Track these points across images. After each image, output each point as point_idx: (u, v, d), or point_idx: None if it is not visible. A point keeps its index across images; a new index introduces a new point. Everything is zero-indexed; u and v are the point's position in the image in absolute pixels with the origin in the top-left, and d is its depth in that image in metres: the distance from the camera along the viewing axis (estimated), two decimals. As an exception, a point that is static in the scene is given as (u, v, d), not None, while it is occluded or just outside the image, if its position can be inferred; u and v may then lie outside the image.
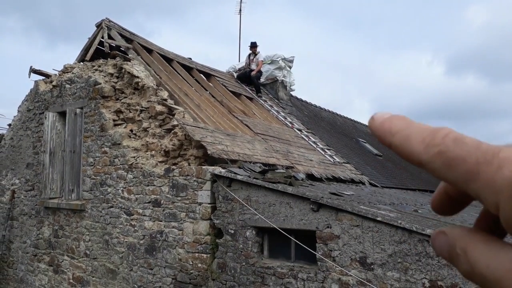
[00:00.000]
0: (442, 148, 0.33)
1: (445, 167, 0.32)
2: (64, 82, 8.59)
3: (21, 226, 9.20)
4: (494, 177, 0.30)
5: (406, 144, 0.35)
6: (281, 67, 12.58)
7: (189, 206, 6.23)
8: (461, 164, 0.31)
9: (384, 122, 0.36)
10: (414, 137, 0.34)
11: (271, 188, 5.55)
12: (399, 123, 0.36)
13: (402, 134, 0.35)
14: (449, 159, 0.32)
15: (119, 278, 7.01)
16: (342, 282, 4.90)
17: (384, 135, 0.36)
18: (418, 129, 0.35)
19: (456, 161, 0.32)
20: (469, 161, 0.31)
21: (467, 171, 0.31)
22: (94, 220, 7.53)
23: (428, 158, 0.33)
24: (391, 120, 0.36)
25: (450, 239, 0.34)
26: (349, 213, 4.93)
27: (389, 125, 0.36)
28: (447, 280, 4.26)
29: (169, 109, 7.03)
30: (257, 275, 5.56)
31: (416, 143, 0.34)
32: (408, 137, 0.35)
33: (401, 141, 0.35)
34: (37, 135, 9.09)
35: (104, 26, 8.68)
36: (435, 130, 0.34)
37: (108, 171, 7.42)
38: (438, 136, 0.33)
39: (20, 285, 9.01)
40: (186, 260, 6.16)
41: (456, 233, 0.34)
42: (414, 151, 0.34)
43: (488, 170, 0.30)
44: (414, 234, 4.49)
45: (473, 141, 0.32)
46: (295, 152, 8.86)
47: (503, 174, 0.29)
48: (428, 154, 0.33)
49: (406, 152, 0.35)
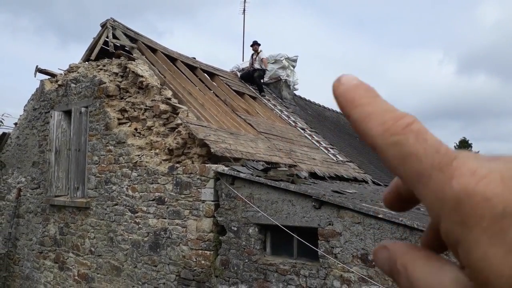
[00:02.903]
0: (400, 139, 0.30)
1: (399, 160, 0.30)
2: (70, 81, 8.68)
3: (27, 223, 9.31)
4: (443, 187, 0.28)
5: (364, 122, 0.32)
6: (284, 66, 12.63)
7: (192, 203, 6.30)
8: (415, 163, 0.29)
9: (349, 90, 0.33)
10: (375, 117, 0.32)
11: (273, 185, 5.60)
12: (364, 95, 0.33)
13: (363, 109, 0.32)
14: (405, 154, 0.30)
15: (124, 275, 7.09)
16: (344, 278, 4.95)
17: (345, 105, 0.33)
18: (381, 109, 0.32)
19: (411, 158, 0.30)
20: (424, 162, 0.29)
21: (419, 172, 0.29)
22: (99, 218, 7.61)
23: (383, 145, 0.31)
24: (356, 89, 0.33)
25: (392, 254, 0.32)
26: (351, 210, 4.97)
27: (352, 95, 0.33)
28: (447, 277, 4.29)
29: (173, 108, 7.10)
30: (259, 271, 5.62)
31: (375, 124, 0.31)
32: (368, 115, 0.32)
33: (360, 117, 0.32)
34: (42, 134, 9.19)
35: (109, 26, 8.76)
36: (399, 116, 0.31)
37: (113, 169, 7.50)
38: (399, 124, 0.31)
39: (26, 282, 9.11)
40: (190, 257, 6.22)
41: (397, 249, 0.32)
42: (371, 132, 0.31)
43: (438, 177, 0.28)
44: (415, 231, 4.53)
45: (434, 141, 0.30)
46: (298, 151, 8.91)
47: (451, 186, 0.28)
48: (384, 141, 0.31)
49: (362, 130, 0.32)
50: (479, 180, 0.27)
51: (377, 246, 0.34)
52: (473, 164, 0.28)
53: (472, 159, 0.29)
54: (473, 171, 0.28)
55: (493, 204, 0.27)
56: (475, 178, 0.27)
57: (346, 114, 0.33)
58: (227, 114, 8.65)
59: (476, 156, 0.29)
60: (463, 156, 0.29)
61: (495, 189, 0.27)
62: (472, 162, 0.28)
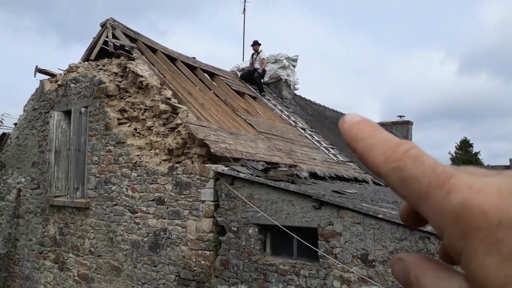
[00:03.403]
0: (400, 165, 0.33)
1: (400, 183, 0.33)
2: (69, 81, 8.67)
3: (26, 224, 9.30)
4: (442, 202, 0.30)
5: (368, 153, 0.35)
6: (284, 66, 12.60)
7: (192, 204, 6.28)
8: (415, 184, 0.32)
9: (352, 126, 0.37)
10: (377, 147, 0.35)
11: (273, 186, 5.58)
12: (366, 129, 0.36)
13: (366, 142, 0.36)
14: (405, 177, 0.33)
15: (123, 275, 7.08)
16: (344, 279, 4.93)
17: (350, 140, 0.37)
18: (382, 140, 0.35)
19: (410, 180, 0.32)
20: (423, 182, 0.32)
21: (419, 191, 0.32)
22: (99, 218, 7.60)
23: (385, 171, 0.34)
24: (359, 125, 0.37)
25: (406, 266, 0.35)
26: (351, 210, 4.96)
27: (356, 130, 0.36)
28: (448, 277, 4.27)
29: (172, 108, 7.08)
30: (259, 272, 5.60)
31: (377, 154, 0.35)
32: (371, 147, 0.35)
33: (364, 149, 0.36)
34: (42, 134, 9.18)
35: (108, 25, 8.75)
36: (397, 144, 0.34)
37: (113, 169, 7.49)
38: (398, 151, 0.34)
39: (26, 282, 9.10)
40: (190, 257, 6.21)
41: (411, 260, 0.35)
42: (375, 162, 0.35)
43: (437, 194, 0.31)
44: (415, 231, 4.51)
45: (431, 162, 0.32)
46: (298, 151, 8.89)
47: (449, 201, 0.30)
48: (386, 168, 0.34)
49: (367, 160, 0.35)
50: (475, 194, 0.29)
51: (394, 258, 0.37)
52: (469, 180, 0.30)
53: (469, 175, 0.31)
54: (469, 186, 0.30)
55: (489, 216, 0.28)
56: (472, 192, 0.29)
57: (352, 148, 0.37)
58: (227, 114, 8.63)
59: (474, 172, 0.32)
60: (460, 173, 0.31)
61: (491, 201, 0.29)
62: (468, 178, 0.30)
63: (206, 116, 7.56)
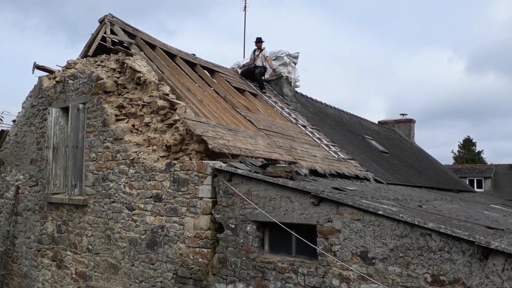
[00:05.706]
0: None
1: None
2: (67, 77, 8.59)
3: (25, 221, 9.24)
4: None
5: None
6: (286, 63, 12.49)
7: (190, 200, 6.19)
8: None
9: None
10: None
11: (271, 182, 5.48)
12: None
13: None
14: None
15: (121, 273, 7.00)
16: (343, 277, 4.83)
17: None
18: None
19: None
20: None
21: None
22: (97, 215, 7.52)
23: None
24: None
25: None
26: (350, 207, 4.85)
27: None
28: (449, 275, 4.17)
29: (171, 104, 6.99)
30: (257, 270, 5.51)
31: None
32: None
33: None
34: (40, 131, 9.12)
35: (107, 21, 8.66)
36: None
37: (110, 166, 7.40)
38: None
39: (24, 280, 9.04)
40: (187, 255, 6.12)
41: None
42: None
43: None
44: (416, 228, 4.41)
45: None
46: (298, 148, 8.79)
47: None
48: None
49: None
50: None
51: None
52: None
53: None
54: None
55: None
56: None
57: None
58: (226, 110, 8.54)
59: None
60: None
61: None
62: None
63: (205, 112, 7.46)
